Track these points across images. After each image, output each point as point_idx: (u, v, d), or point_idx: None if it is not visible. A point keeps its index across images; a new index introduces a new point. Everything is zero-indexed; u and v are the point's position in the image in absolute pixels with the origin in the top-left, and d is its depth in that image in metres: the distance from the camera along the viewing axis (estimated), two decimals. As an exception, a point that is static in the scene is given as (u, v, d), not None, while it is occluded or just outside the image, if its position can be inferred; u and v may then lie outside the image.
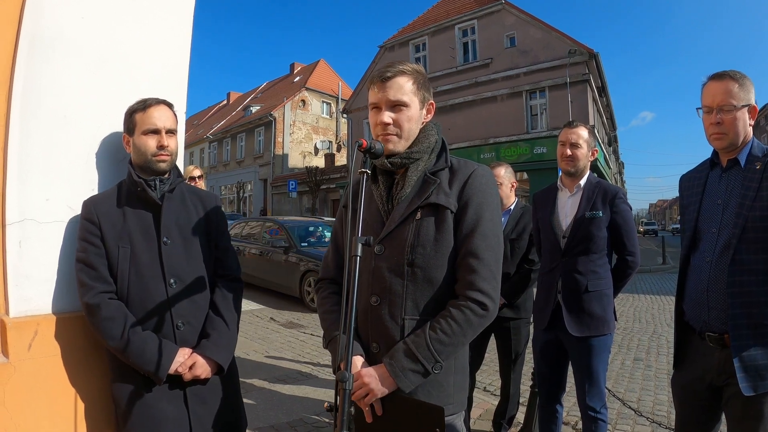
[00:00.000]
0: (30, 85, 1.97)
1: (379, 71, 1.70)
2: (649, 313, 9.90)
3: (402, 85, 1.67)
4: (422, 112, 1.74)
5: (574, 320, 2.82)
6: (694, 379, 2.16)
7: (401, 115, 1.67)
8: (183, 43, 2.35)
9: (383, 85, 1.67)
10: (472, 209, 1.65)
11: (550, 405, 3.09)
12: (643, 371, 5.97)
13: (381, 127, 1.67)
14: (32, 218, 1.98)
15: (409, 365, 1.55)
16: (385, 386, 1.56)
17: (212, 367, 1.98)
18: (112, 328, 1.87)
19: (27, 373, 1.92)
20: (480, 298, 1.59)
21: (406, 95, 1.67)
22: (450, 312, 1.59)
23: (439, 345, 1.56)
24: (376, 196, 1.77)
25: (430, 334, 1.57)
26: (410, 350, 1.56)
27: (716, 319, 2.02)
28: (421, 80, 1.72)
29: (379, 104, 1.68)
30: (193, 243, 2.06)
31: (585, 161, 2.98)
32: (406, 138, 1.70)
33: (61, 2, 2.03)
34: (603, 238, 2.87)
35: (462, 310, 1.58)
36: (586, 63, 21.15)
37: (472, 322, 1.58)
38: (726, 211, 2.06)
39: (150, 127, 1.98)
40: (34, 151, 1.99)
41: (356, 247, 1.42)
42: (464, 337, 1.60)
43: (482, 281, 1.60)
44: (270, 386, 4.95)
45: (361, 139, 1.55)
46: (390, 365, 1.56)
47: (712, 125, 2.05)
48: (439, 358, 1.56)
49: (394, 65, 1.70)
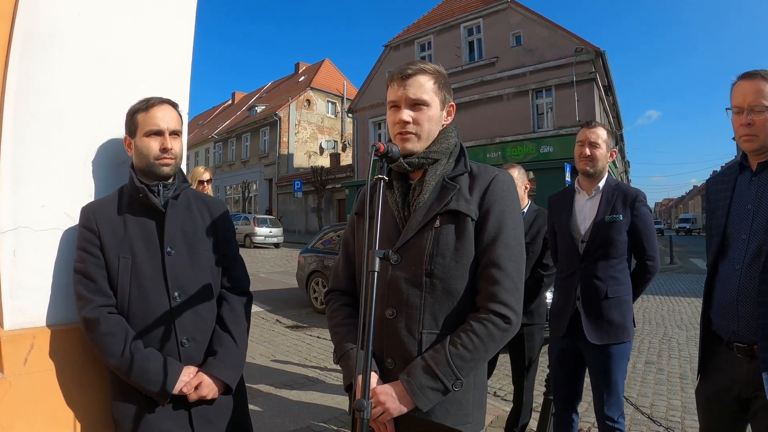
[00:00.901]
0: (24, 85, 1.86)
1: (399, 68, 1.61)
2: (659, 314, 9.78)
3: (423, 83, 1.59)
4: (443, 114, 1.66)
5: (593, 327, 2.73)
6: (721, 390, 2.07)
7: (421, 115, 1.58)
8: (185, 42, 2.25)
9: (403, 82, 1.58)
10: (494, 217, 1.56)
11: (566, 413, 3.00)
12: (656, 375, 5.87)
13: (400, 126, 1.59)
14: (27, 226, 1.88)
15: (428, 383, 1.46)
16: (403, 404, 1.47)
17: (219, 387, 1.86)
18: (112, 344, 1.74)
19: (23, 388, 1.81)
20: (502, 310, 1.49)
21: (427, 94, 1.59)
22: (471, 326, 1.50)
23: (460, 361, 1.47)
24: (390, 202, 1.67)
25: (450, 349, 1.48)
26: (429, 367, 1.47)
27: (745, 329, 1.93)
28: (442, 80, 1.64)
29: (398, 102, 1.60)
30: (198, 253, 1.93)
31: (604, 162, 2.88)
32: (425, 139, 1.61)
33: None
34: (623, 242, 2.77)
35: (484, 323, 1.49)
36: (592, 62, 20.98)
37: (494, 336, 1.49)
38: (757, 217, 1.97)
39: (153, 128, 1.86)
40: (29, 155, 1.88)
41: (374, 262, 1.31)
42: (486, 353, 1.51)
43: (505, 293, 1.50)
44: (276, 392, 4.86)
45: (378, 143, 1.45)
46: (408, 383, 1.47)
47: (743, 126, 1.96)
48: (460, 374, 1.47)
49: (415, 63, 1.62)
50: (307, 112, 40.42)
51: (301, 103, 40.06)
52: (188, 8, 2.27)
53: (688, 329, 8.26)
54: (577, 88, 20.82)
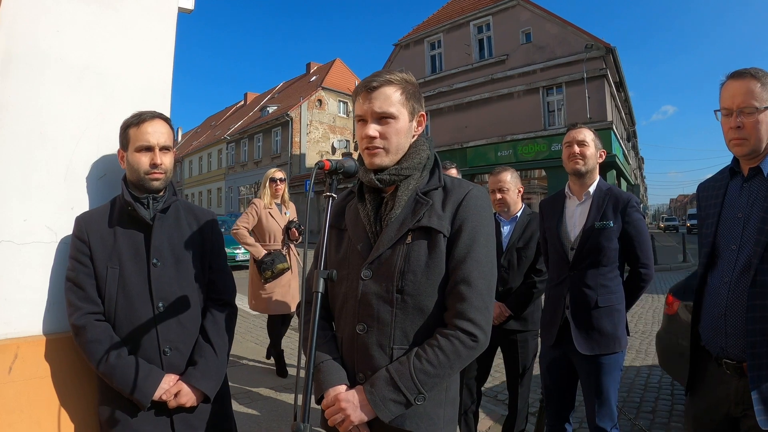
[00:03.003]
0: (4, 103, 1.90)
1: (365, 81, 1.58)
2: (669, 315, 9.61)
3: (389, 95, 1.55)
4: (412, 125, 1.62)
5: (583, 337, 2.68)
6: (709, 408, 1.98)
7: (389, 128, 1.55)
8: (165, 55, 2.27)
9: (369, 95, 1.55)
10: (467, 233, 1.54)
11: (558, 423, 2.95)
12: (661, 378, 5.77)
13: (367, 141, 1.56)
14: (9, 240, 1.92)
15: (390, 395, 1.46)
16: (364, 413, 1.48)
17: (198, 396, 1.92)
18: (97, 350, 1.82)
19: (8, 396, 1.85)
20: (470, 328, 1.48)
21: (394, 106, 1.55)
22: (438, 341, 1.49)
23: (424, 375, 1.46)
24: (362, 216, 1.66)
25: (415, 363, 1.47)
26: (392, 379, 1.47)
27: (734, 346, 1.84)
28: (410, 90, 1.60)
29: (365, 116, 1.57)
30: (185, 265, 1.99)
31: (593, 161, 2.84)
32: (394, 152, 1.59)
33: (36, 17, 1.96)
34: (614, 249, 2.72)
35: (450, 339, 1.48)
36: (603, 58, 20.78)
37: (460, 353, 1.48)
38: (747, 226, 1.86)
39: (143, 144, 1.91)
40: (11, 171, 1.92)
41: (318, 283, 1.32)
42: (451, 369, 1.50)
43: (473, 311, 1.49)
44: (276, 395, 4.87)
45: (324, 160, 1.43)
46: (370, 393, 1.48)
47: (732, 129, 1.85)
48: (422, 389, 1.46)
49: (380, 74, 1.58)
50: (319, 111, 40.45)
51: (312, 103, 40.10)
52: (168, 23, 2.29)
53: (697, 330, 8.10)
54: (588, 84, 20.62)
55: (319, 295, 1.31)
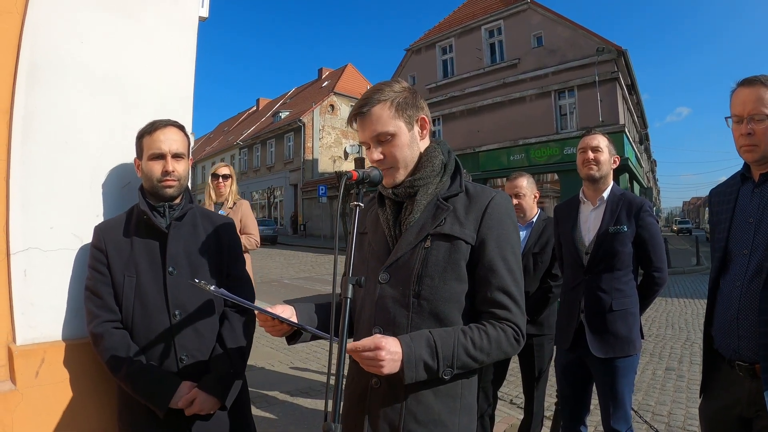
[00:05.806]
0: (30, 112, 1.96)
1: (354, 108, 1.60)
2: (683, 318, 9.56)
3: (380, 115, 1.56)
4: (413, 133, 1.62)
5: (598, 341, 2.70)
6: (723, 409, 2.01)
7: (391, 147, 1.57)
8: (187, 64, 2.32)
9: (362, 123, 1.58)
10: (494, 241, 1.54)
11: (574, 426, 2.97)
12: (675, 382, 5.74)
13: (376, 164, 1.60)
14: (37, 247, 1.97)
15: (426, 356, 1.42)
16: (393, 368, 1.39)
17: (213, 404, 1.91)
18: (114, 358, 1.84)
19: (34, 400, 1.91)
20: (517, 330, 1.52)
21: (388, 125, 1.56)
22: (485, 326, 1.50)
23: (462, 351, 1.45)
24: (382, 220, 1.68)
25: (460, 336, 1.46)
26: (434, 342, 1.44)
27: (747, 348, 1.86)
28: (401, 99, 1.59)
29: (366, 142, 1.61)
30: (201, 272, 1.99)
31: (607, 167, 2.86)
32: (404, 166, 1.61)
33: (59, 27, 2.02)
34: (628, 254, 2.74)
35: (497, 329, 1.49)
36: (614, 61, 20.66)
37: (501, 344, 1.49)
38: (759, 232, 1.89)
39: (155, 151, 1.93)
40: (37, 179, 1.98)
41: (347, 289, 1.33)
42: (487, 357, 1.49)
43: (516, 318, 1.53)
44: (292, 399, 4.91)
45: (351, 171, 1.45)
46: (408, 347, 1.41)
47: (743, 136, 1.88)
48: (455, 364, 1.45)
49: (367, 95, 1.59)
50: (331, 117, 40.60)
51: (324, 109, 40.27)
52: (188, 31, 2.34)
53: (713, 334, 8.04)
54: (600, 88, 20.51)
55: (348, 301, 1.31)
